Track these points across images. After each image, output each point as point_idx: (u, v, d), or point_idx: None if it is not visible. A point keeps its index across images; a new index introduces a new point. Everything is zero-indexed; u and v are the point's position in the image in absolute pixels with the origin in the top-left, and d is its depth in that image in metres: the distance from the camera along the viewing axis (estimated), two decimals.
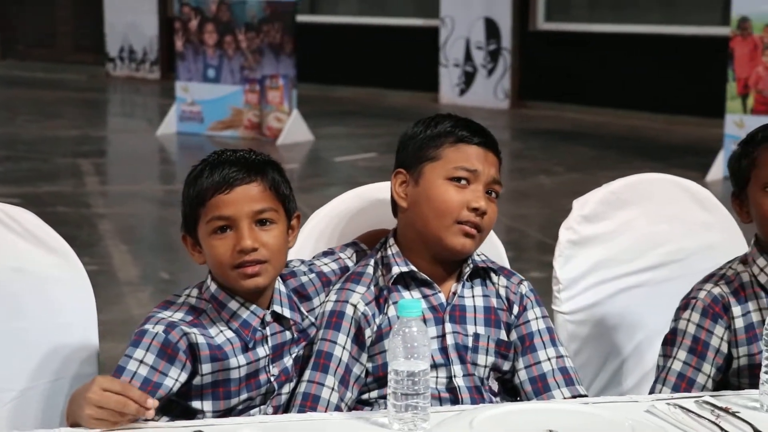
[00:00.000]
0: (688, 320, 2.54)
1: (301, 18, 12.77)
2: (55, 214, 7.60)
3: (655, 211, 2.99)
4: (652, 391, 2.56)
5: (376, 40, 15.26)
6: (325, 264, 2.59)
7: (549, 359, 2.53)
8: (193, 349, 2.33)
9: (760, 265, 2.54)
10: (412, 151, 2.53)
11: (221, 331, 2.36)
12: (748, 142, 2.57)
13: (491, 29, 14.00)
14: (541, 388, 2.51)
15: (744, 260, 2.60)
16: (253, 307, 2.39)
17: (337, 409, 2.38)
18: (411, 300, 2.03)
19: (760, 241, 2.56)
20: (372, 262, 2.54)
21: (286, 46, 11.09)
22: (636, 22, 13.10)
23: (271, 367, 2.41)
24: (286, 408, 2.45)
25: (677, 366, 2.52)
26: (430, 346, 2.04)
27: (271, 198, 2.36)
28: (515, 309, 2.57)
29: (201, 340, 2.33)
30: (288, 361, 2.44)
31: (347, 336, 2.44)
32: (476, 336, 2.50)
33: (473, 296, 2.55)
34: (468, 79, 14.26)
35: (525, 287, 2.61)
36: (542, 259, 6.24)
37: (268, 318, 2.41)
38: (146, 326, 2.34)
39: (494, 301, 2.56)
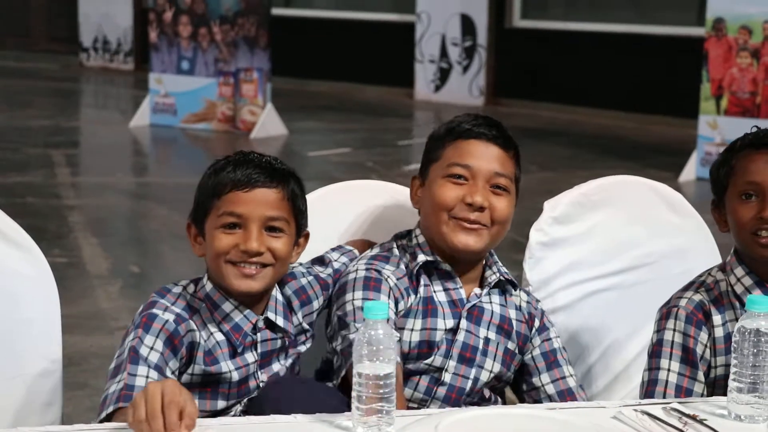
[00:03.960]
0: (674, 330, 2.50)
1: (276, 11, 12.73)
2: (25, 205, 7.54)
3: (625, 213, 2.97)
4: None
5: (351, 35, 15.23)
6: (321, 271, 2.57)
7: (571, 375, 2.61)
8: (192, 348, 2.30)
9: (738, 275, 2.51)
10: (424, 155, 2.58)
11: (212, 334, 2.33)
12: (728, 151, 2.54)
13: (467, 25, 13.99)
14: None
15: (723, 268, 2.57)
16: (247, 311, 2.36)
17: None
18: (377, 302, 2.00)
19: (738, 250, 2.53)
20: (394, 245, 2.57)
21: (261, 40, 11.05)
22: (612, 21, 13.12)
23: (259, 373, 2.38)
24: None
25: (674, 378, 2.47)
26: (396, 350, 2.01)
27: (286, 208, 2.35)
28: (536, 323, 2.62)
29: (201, 341, 2.31)
30: (277, 367, 2.41)
31: (389, 299, 2.45)
32: (486, 340, 2.53)
33: (491, 302, 2.57)
34: (443, 75, 14.24)
35: (541, 305, 2.68)
36: (515, 257, 6.19)
37: (261, 324, 2.38)
38: (155, 310, 2.29)
39: (511, 313, 2.59)
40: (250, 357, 2.37)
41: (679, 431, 2.03)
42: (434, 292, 2.51)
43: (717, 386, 2.49)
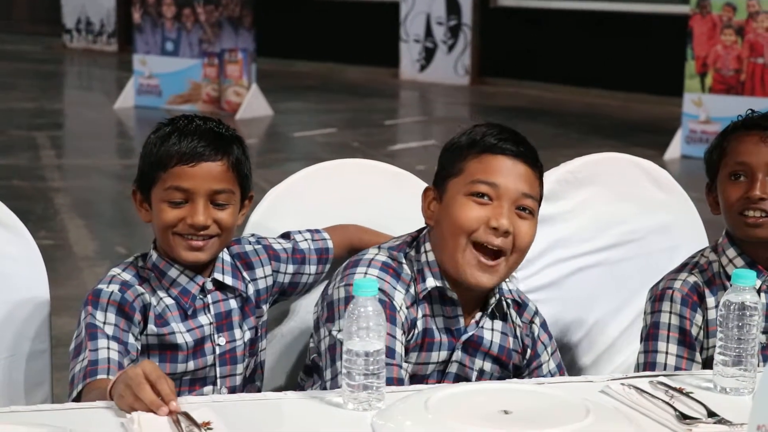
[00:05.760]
0: (670, 312, 2.49)
1: None
2: (10, 188, 7.53)
3: (612, 190, 2.98)
4: None
5: (336, 15, 15.20)
6: (278, 242, 2.58)
7: None
8: (145, 310, 2.34)
9: (730, 256, 2.51)
10: (439, 166, 2.37)
11: (161, 299, 2.37)
12: (721, 134, 2.55)
13: (452, 5, 13.97)
14: None
15: (715, 249, 2.57)
16: (194, 275, 2.39)
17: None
18: (367, 279, 2.01)
19: (729, 232, 2.54)
20: (404, 259, 2.36)
21: (245, 20, 11.02)
22: (596, 0, 13.12)
23: (216, 336, 2.41)
24: (242, 389, 2.44)
25: (672, 360, 2.47)
26: (385, 326, 2.02)
27: (231, 179, 2.37)
28: (528, 353, 2.47)
29: (153, 302, 2.35)
30: (239, 334, 2.43)
31: (401, 331, 2.28)
32: (481, 372, 2.40)
33: (492, 329, 2.41)
34: (428, 54, 14.23)
35: (537, 325, 2.49)
36: None
37: (209, 286, 2.41)
38: (100, 285, 2.34)
39: (510, 341, 2.44)
40: (204, 319, 2.40)
41: (666, 404, 2.04)
42: (433, 318, 2.34)
43: (708, 367, 2.49)
